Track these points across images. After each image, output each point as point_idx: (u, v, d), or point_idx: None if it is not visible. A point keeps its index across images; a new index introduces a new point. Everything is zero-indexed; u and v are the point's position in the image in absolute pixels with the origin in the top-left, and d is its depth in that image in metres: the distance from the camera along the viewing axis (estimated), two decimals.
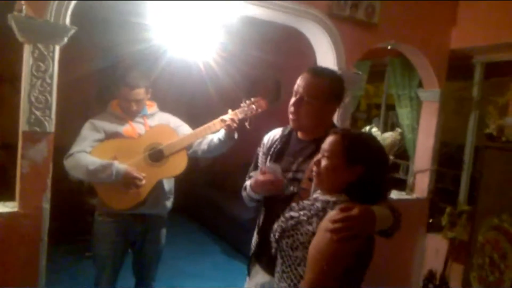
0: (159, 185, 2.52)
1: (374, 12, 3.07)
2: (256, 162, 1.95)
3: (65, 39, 2.07)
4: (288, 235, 1.43)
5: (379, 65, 4.46)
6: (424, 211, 3.72)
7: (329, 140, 1.46)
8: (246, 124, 2.40)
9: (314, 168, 1.48)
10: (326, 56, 2.95)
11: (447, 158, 4.25)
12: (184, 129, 2.63)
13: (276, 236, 1.48)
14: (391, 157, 3.42)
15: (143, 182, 2.37)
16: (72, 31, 2.08)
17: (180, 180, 6.16)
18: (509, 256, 2.34)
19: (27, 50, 2.02)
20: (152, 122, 2.61)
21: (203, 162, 6.96)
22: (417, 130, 3.82)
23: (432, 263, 3.56)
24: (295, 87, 1.75)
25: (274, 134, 1.93)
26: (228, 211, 5.23)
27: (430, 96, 3.64)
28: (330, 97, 1.74)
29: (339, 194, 1.42)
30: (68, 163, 2.39)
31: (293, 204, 1.51)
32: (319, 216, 1.38)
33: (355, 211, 1.30)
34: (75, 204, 4.40)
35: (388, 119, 4.77)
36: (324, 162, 1.44)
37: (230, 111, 2.42)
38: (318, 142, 1.56)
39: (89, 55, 4.63)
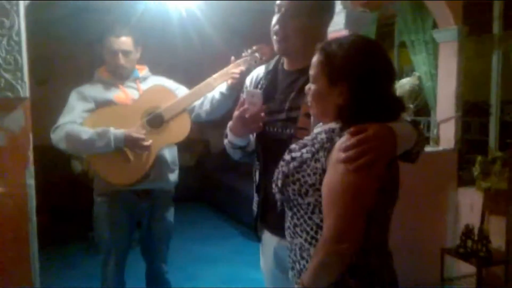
0: (161, 155, 2.28)
1: None
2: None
3: None
4: (293, 180, 1.16)
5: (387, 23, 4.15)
6: (453, 163, 3.40)
7: (312, 60, 1.20)
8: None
9: (309, 99, 1.22)
10: None
11: (471, 107, 3.95)
12: (182, 92, 2.38)
13: (279, 185, 1.20)
14: (411, 106, 3.12)
15: (149, 141, 2.13)
16: None
17: (192, 168, 6.06)
18: None
19: None
20: (145, 86, 2.36)
21: (214, 148, 6.79)
22: (436, 76, 3.51)
23: (467, 219, 3.25)
24: (278, 2, 1.47)
25: (257, 73, 1.64)
26: (242, 192, 5.04)
27: (447, 36, 3.31)
28: (319, 10, 1.46)
29: (336, 120, 1.15)
30: (56, 135, 2.15)
31: (292, 146, 1.24)
32: (325, 149, 1.11)
33: (369, 131, 1.05)
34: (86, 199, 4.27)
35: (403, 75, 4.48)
36: (311, 88, 1.19)
37: (232, 58, 2.15)
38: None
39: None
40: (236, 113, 1.46)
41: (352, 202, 1.05)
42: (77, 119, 2.18)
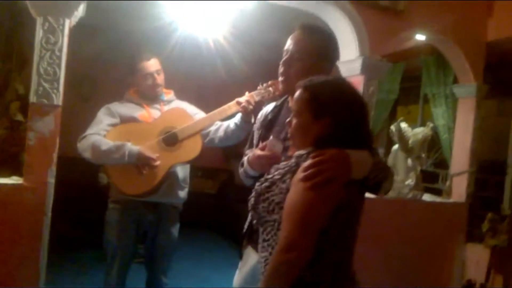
0: (172, 172, 2.46)
1: None
2: (252, 139, 1.86)
3: (75, 13, 2.10)
4: (263, 199, 1.31)
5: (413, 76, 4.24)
6: (463, 217, 3.40)
7: (294, 96, 1.37)
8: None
9: (289, 130, 1.38)
10: (348, 42, 2.84)
11: (489, 165, 3.94)
12: (200, 116, 2.57)
13: (252, 202, 1.35)
14: (423, 155, 3.18)
15: (158, 162, 2.30)
16: (82, 5, 2.10)
17: (213, 196, 6.16)
18: None
19: (38, 22, 2.06)
20: (168, 108, 2.58)
21: (238, 179, 6.90)
22: (453, 130, 3.57)
23: (472, 275, 3.22)
24: (286, 46, 1.66)
25: (267, 108, 1.84)
26: None
27: (466, 92, 3.39)
28: (322, 55, 1.64)
29: (311, 148, 1.30)
30: (81, 145, 2.37)
31: (270, 169, 1.39)
32: (292, 171, 1.26)
33: (326, 155, 1.20)
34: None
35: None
36: (293, 121, 1.35)
37: (246, 93, 2.34)
38: None
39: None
40: (258, 153, 1.60)
41: (305, 216, 1.17)
42: (102, 131, 2.39)
